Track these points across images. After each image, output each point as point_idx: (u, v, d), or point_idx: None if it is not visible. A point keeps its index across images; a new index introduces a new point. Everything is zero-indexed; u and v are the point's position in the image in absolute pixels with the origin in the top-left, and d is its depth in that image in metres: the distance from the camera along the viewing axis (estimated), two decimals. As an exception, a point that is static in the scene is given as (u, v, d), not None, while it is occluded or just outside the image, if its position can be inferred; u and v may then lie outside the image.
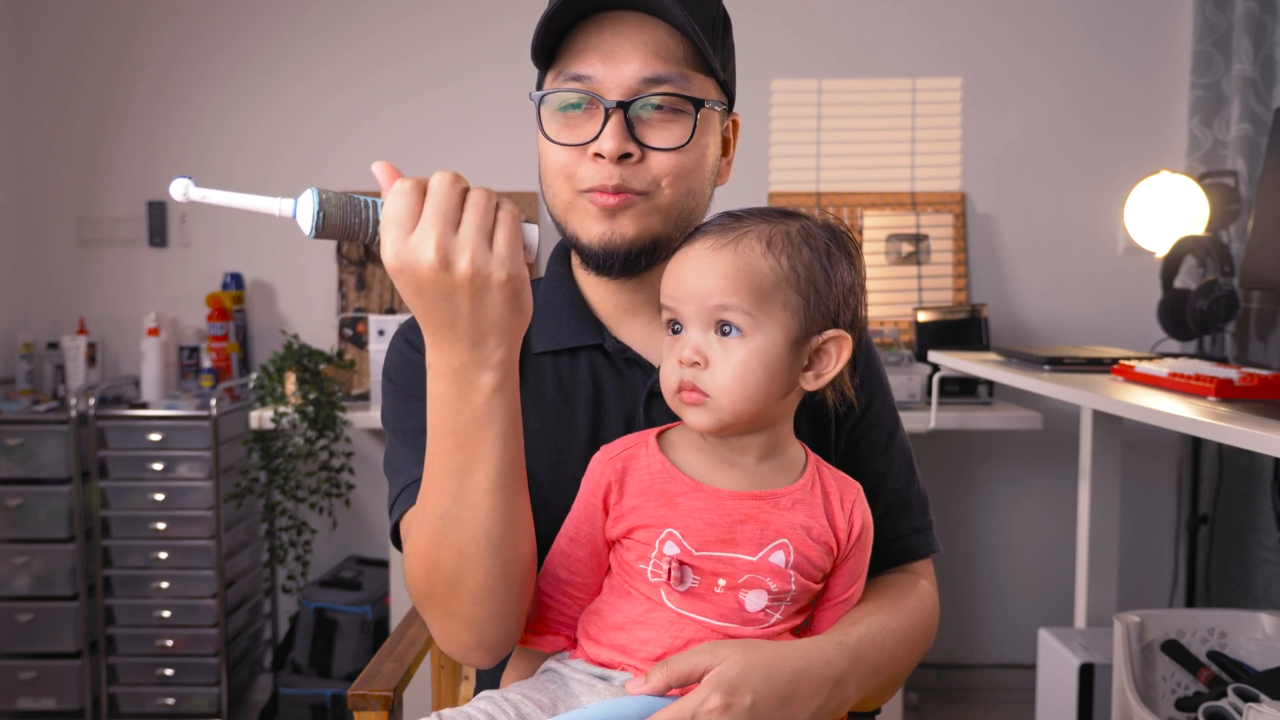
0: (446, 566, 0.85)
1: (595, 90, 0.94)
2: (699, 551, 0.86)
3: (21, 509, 2.56)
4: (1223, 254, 2.31)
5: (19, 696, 2.59)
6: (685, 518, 0.87)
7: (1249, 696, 1.65)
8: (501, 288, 0.77)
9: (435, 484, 0.84)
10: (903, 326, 2.86)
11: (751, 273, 0.87)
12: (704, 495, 0.87)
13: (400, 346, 1.05)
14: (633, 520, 0.88)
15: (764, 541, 0.87)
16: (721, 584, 0.86)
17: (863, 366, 1.06)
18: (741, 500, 0.87)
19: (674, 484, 0.88)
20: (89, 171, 2.97)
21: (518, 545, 0.85)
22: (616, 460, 0.91)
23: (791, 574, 0.87)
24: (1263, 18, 2.66)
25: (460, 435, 0.81)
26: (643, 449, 0.91)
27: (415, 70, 2.94)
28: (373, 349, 2.58)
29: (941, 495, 2.94)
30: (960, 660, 2.96)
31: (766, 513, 0.87)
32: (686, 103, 0.95)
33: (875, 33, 2.93)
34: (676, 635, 0.86)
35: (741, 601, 0.87)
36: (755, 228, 0.89)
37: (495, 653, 0.90)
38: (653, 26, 0.94)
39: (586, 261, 1.00)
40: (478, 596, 0.85)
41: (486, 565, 0.84)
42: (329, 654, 2.58)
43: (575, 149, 0.95)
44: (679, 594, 0.86)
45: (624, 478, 0.90)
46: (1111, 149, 2.92)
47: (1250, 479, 2.61)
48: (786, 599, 0.88)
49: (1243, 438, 1.31)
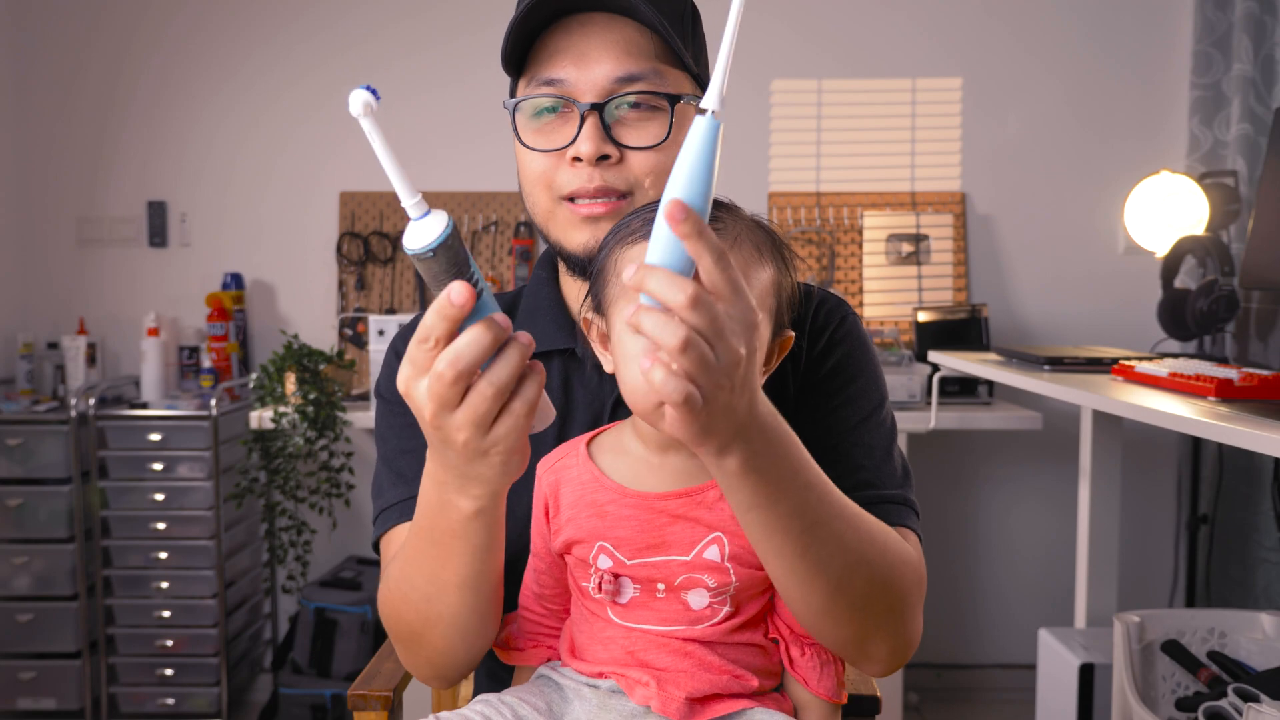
0: (412, 623, 0.89)
1: (568, 93, 0.93)
2: (631, 560, 0.85)
3: (21, 509, 2.56)
4: (1223, 254, 2.31)
5: (19, 696, 2.59)
6: (615, 528, 0.86)
7: (1249, 696, 1.65)
8: (493, 459, 0.75)
9: (411, 560, 0.87)
10: (903, 326, 2.86)
11: (772, 285, 0.85)
12: (631, 501, 0.86)
13: (390, 361, 1.05)
14: (569, 534, 0.88)
15: (696, 539, 0.85)
16: (661, 588, 0.85)
17: (843, 351, 1.01)
18: (669, 500, 0.85)
19: (602, 493, 0.87)
20: (89, 171, 2.97)
21: (482, 623, 0.89)
22: (551, 472, 0.90)
23: (729, 566, 0.85)
24: (1263, 18, 2.66)
25: (434, 536, 0.83)
26: (574, 458, 0.90)
27: (415, 70, 2.94)
28: (373, 349, 2.58)
29: (941, 495, 2.94)
30: (960, 660, 2.96)
31: (694, 510, 0.85)
32: (662, 99, 0.94)
33: (875, 33, 2.93)
34: (630, 650, 0.86)
35: (686, 602, 0.86)
36: (744, 230, 0.86)
37: (451, 681, 0.96)
38: (621, 25, 0.93)
39: (572, 267, 0.99)
40: (439, 650, 0.90)
41: (448, 634, 0.88)
42: (329, 654, 2.57)
43: (553, 155, 0.95)
44: (620, 607, 0.86)
45: (558, 490, 0.89)
46: (1111, 149, 2.92)
47: (1250, 479, 2.61)
48: (729, 591, 0.86)
49: (1243, 438, 1.31)
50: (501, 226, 2.93)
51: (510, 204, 2.94)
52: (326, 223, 2.97)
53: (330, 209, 2.96)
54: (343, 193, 2.95)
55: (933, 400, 2.37)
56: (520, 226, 2.90)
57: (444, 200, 2.92)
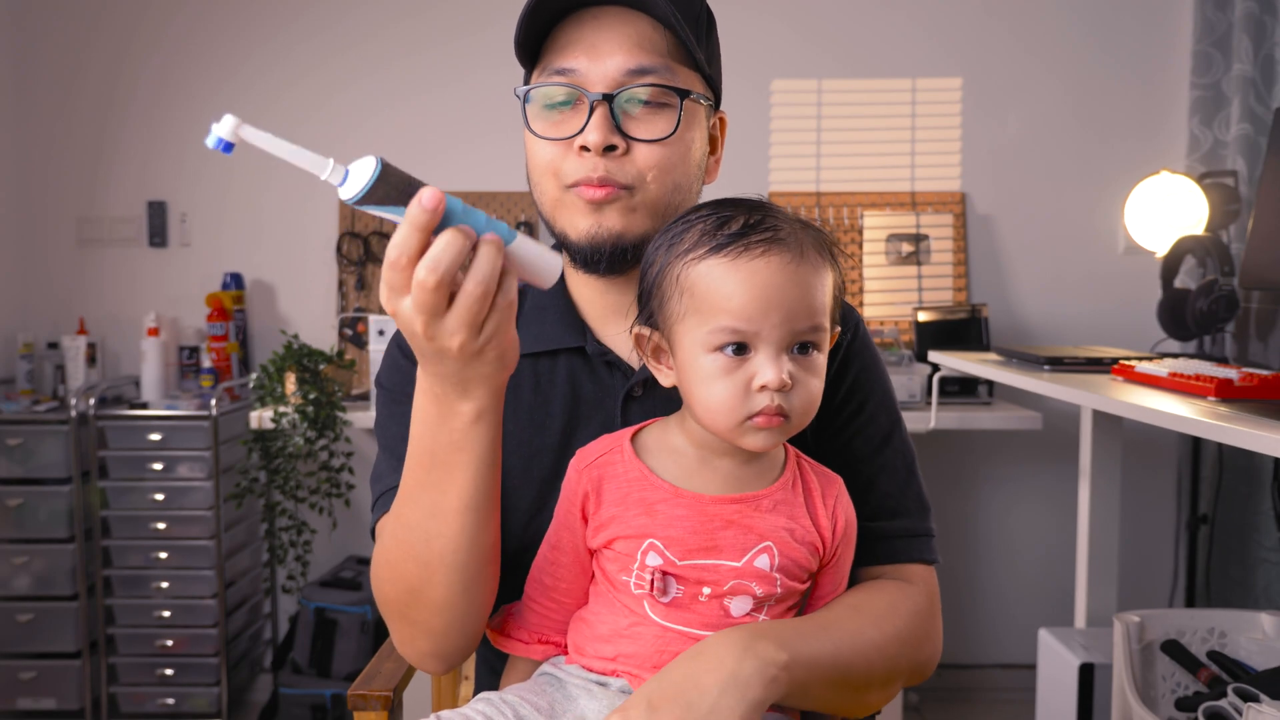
0: (411, 577, 0.87)
1: (579, 84, 0.94)
2: (682, 561, 0.85)
3: (21, 509, 2.56)
4: (1223, 254, 2.31)
5: (19, 696, 2.59)
6: (666, 527, 0.85)
7: (1249, 696, 1.65)
8: (488, 356, 0.76)
9: (409, 496, 0.86)
10: (903, 326, 2.86)
11: (834, 288, 0.86)
12: (684, 502, 0.85)
13: (393, 352, 1.05)
14: (613, 530, 0.87)
15: (747, 546, 0.85)
16: (706, 592, 0.85)
17: (858, 367, 1.04)
18: (722, 505, 0.85)
19: (653, 491, 0.86)
20: (89, 171, 2.97)
21: (482, 565, 0.87)
22: (593, 468, 0.88)
23: (777, 577, 0.86)
24: (1263, 18, 2.66)
25: (436, 455, 0.82)
26: (618, 455, 0.89)
27: (415, 70, 2.94)
28: (373, 349, 2.58)
29: (941, 495, 2.94)
30: (960, 660, 2.96)
31: (748, 516, 0.85)
32: (671, 95, 0.95)
33: (875, 33, 2.93)
34: (662, 649, 0.85)
35: (726, 608, 0.85)
36: (800, 232, 0.85)
37: (449, 661, 0.93)
38: (636, 20, 0.94)
39: (575, 258, 0.99)
40: (438, 608, 0.87)
41: (449, 580, 0.86)
42: (329, 654, 2.57)
43: (561, 144, 0.95)
44: (663, 605, 0.85)
45: (600, 486, 0.88)
46: (1111, 149, 2.92)
47: (1250, 479, 2.61)
48: (771, 601, 0.87)
49: (1243, 438, 1.31)
50: (501, 226, 2.93)
51: (511, 204, 2.94)
52: (326, 223, 2.97)
53: (330, 209, 2.96)
54: (343, 193, 2.95)
55: (933, 400, 2.38)
56: (520, 226, 2.90)
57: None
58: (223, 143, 0.70)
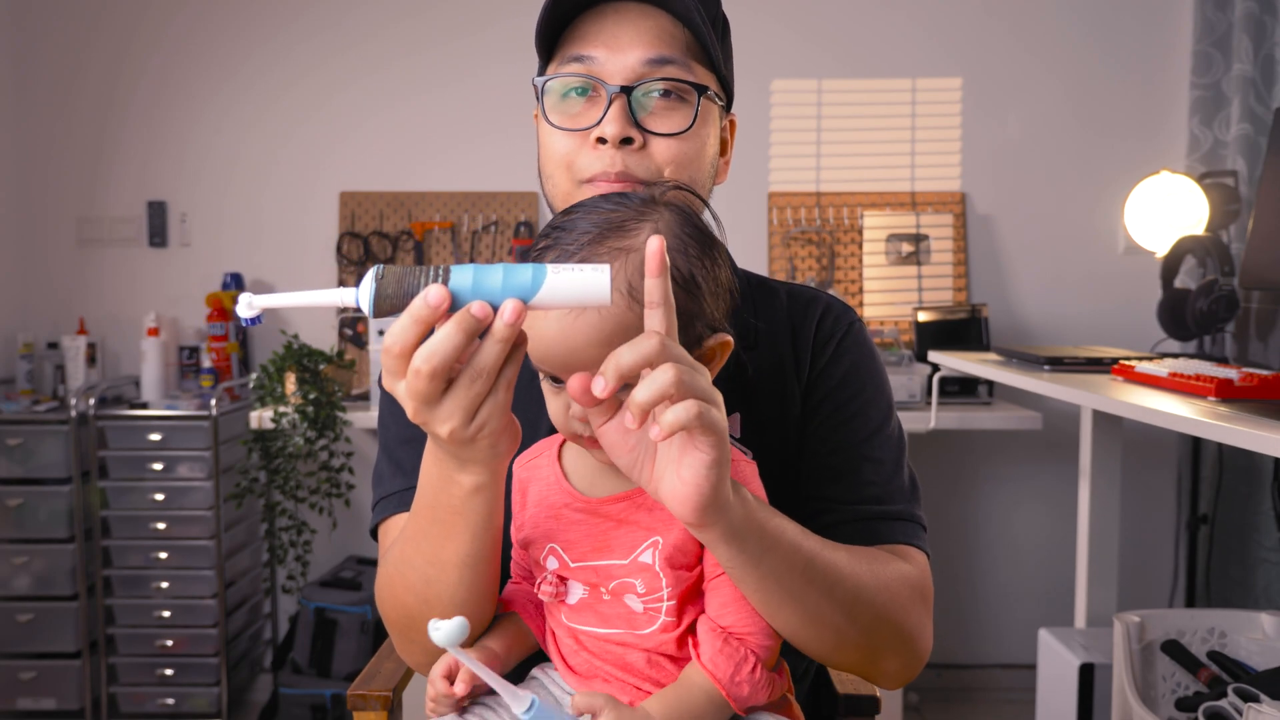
0: (409, 607, 0.89)
1: (597, 73, 0.94)
2: (575, 563, 0.86)
3: (21, 509, 2.56)
4: (1223, 254, 2.31)
5: (19, 696, 2.59)
6: (567, 530, 0.86)
7: (1249, 696, 1.65)
8: (481, 444, 0.74)
9: (412, 538, 0.87)
10: (903, 326, 2.86)
11: (615, 323, 0.78)
12: (582, 505, 0.86)
13: None
14: (526, 533, 0.89)
15: (636, 543, 0.85)
16: (604, 592, 0.86)
17: (849, 363, 1.01)
18: (612, 504, 0.85)
19: (560, 495, 0.88)
20: (89, 171, 2.97)
21: (480, 607, 0.88)
22: (523, 469, 0.91)
23: (660, 573, 0.84)
24: (1263, 18, 2.66)
25: (437, 512, 0.82)
26: (546, 459, 0.90)
27: (415, 70, 2.94)
28: (373, 349, 2.58)
29: (941, 495, 2.94)
30: (960, 660, 2.96)
31: (635, 513, 0.85)
32: (689, 90, 0.95)
33: (875, 33, 2.93)
34: (574, 650, 0.87)
35: (628, 606, 0.85)
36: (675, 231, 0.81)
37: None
38: (656, 15, 0.95)
39: None
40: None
41: (447, 615, 0.86)
42: (329, 654, 2.57)
43: (576, 136, 0.95)
44: (570, 608, 0.87)
45: (526, 488, 0.90)
46: (1111, 149, 2.92)
47: (1250, 479, 2.61)
48: (662, 595, 0.85)
49: (1243, 438, 1.31)
50: (501, 226, 2.93)
51: (510, 204, 2.94)
52: (326, 223, 2.97)
53: (330, 209, 2.96)
54: (343, 193, 2.95)
55: (933, 400, 2.38)
56: (520, 227, 2.90)
57: (444, 200, 2.93)
58: (249, 320, 0.71)
